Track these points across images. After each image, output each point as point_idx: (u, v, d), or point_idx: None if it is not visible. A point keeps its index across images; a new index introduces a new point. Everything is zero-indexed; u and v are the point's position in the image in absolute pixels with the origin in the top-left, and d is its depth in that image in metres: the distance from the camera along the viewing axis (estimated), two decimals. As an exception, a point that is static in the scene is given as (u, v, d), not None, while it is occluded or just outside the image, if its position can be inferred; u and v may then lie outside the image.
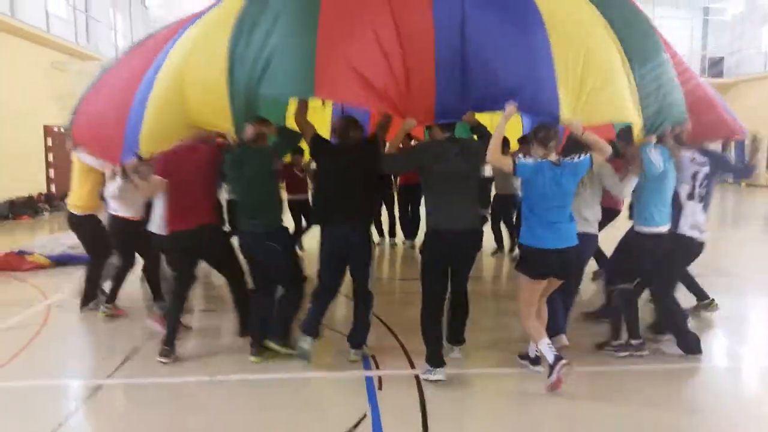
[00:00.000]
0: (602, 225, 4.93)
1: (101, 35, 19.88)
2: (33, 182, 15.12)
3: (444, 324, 4.40)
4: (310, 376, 4.31)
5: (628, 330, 4.63)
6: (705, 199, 4.79)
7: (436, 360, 4.19)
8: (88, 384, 4.19)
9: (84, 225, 5.74)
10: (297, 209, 8.21)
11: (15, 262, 7.74)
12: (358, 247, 4.41)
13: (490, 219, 8.21)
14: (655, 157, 4.33)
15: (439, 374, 4.15)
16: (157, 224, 4.91)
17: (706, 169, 4.73)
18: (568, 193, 3.99)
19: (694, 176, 4.67)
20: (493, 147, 3.98)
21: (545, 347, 3.97)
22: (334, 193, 4.40)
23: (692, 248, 4.76)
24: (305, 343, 4.42)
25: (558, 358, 3.90)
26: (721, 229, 13.06)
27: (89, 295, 5.86)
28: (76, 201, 5.73)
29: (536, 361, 4.33)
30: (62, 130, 5.39)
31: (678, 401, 3.96)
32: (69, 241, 8.30)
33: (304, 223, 8.33)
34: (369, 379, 4.19)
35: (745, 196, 20.15)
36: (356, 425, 3.51)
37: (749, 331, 5.67)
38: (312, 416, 3.73)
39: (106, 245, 5.75)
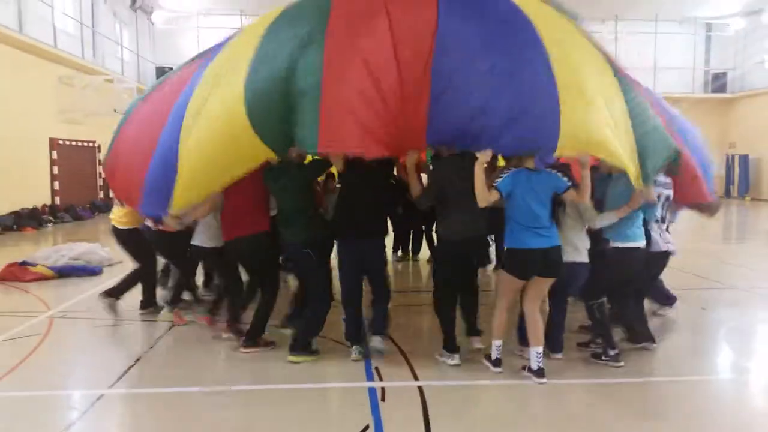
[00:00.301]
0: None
1: (107, 50, 20.06)
2: (37, 194, 15.20)
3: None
4: (313, 387, 4.28)
5: (606, 340, 4.68)
6: (667, 218, 5.06)
7: (452, 346, 4.61)
8: (90, 394, 4.17)
9: (125, 238, 5.97)
10: None
11: (19, 273, 7.76)
12: (376, 254, 4.77)
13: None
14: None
15: (455, 359, 4.57)
16: (200, 238, 5.18)
17: (668, 192, 4.94)
18: (543, 200, 4.18)
19: (657, 198, 4.82)
20: (480, 194, 4.17)
21: (495, 347, 4.43)
22: (357, 205, 4.68)
23: (664, 261, 5.13)
24: (356, 352, 4.68)
25: (497, 363, 4.41)
26: (726, 242, 13.03)
27: (148, 300, 6.08)
28: (119, 216, 5.93)
29: (540, 373, 4.30)
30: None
31: (681, 413, 3.92)
32: (72, 253, 8.34)
33: None
34: (372, 390, 4.16)
35: (749, 209, 20.12)
36: (359, 436, 3.49)
37: (754, 343, 5.62)
38: (314, 427, 3.70)
39: (147, 256, 5.95)
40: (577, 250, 4.54)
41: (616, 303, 4.91)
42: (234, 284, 5.37)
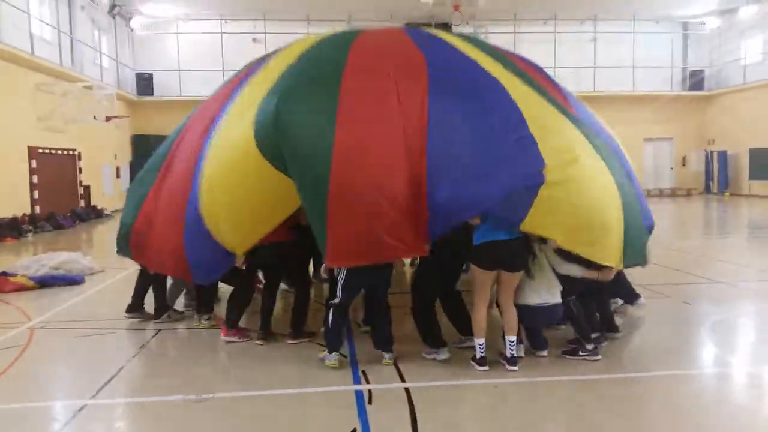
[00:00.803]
0: None
1: (86, 57, 19.85)
2: (17, 203, 14.98)
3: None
4: (299, 391, 4.25)
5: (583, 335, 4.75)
6: None
7: (438, 341, 4.72)
8: (72, 404, 4.10)
9: None
10: None
11: (-2, 284, 7.62)
12: (386, 275, 4.79)
13: None
14: None
15: (444, 353, 4.67)
16: None
17: None
18: None
19: None
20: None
21: (478, 345, 4.49)
22: None
23: None
24: (334, 358, 4.62)
25: (482, 362, 4.45)
26: (707, 237, 13.19)
27: (161, 308, 6.03)
28: None
29: (512, 361, 4.47)
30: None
31: (663, 407, 3.94)
32: (52, 262, 8.22)
33: None
34: (359, 393, 4.14)
35: (729, 205, 20.39)
36: (346, 440, 3.47)
37: (737, 337, 5.68)
38: (303, 430, 3.67)
39: None
40: (550, 292, 4.67)
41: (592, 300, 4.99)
42: (243, 289, 5.40)
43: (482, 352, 4.48)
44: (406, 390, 4.16)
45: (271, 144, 4.49)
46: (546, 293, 4.65)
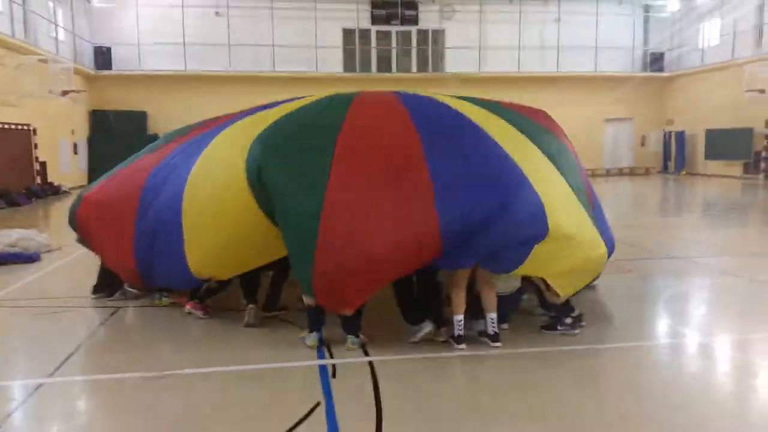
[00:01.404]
0: None
1: (40, 29, 19.09)
2: (-31, 181, 14.45)
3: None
4: (264, 366, 4.24)
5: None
6: None
7: (417, 318, 4.61)
8: (28, 383, 4.01)
9: None
10: None
11: (-50, 263, 7.37)
12: None
13: None
14: None
15: (427, 326, 4.56)
16: None
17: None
18: None
19: None
20: None
21: (456, 322, 4.47)
22: None
23: None
24: (314, 338, 4.53)
25: (460, 339, 4.44)
26: (664, 215, 13.54)
27: (113, 287, 5.96)
28: None
29: (495, 338, 4.51)
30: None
31: (621, 377, 4.07)
32: (7, 240, 7.99)
33: None
34: (323, 368, 4.16)
35: (685, 184, 20.94)
36: (309, 413, 3.47)
37: (691, 309, 5.86)
38: (265, 406, 3.67)
39: None
40: (515, 278, 4.80)
41: None
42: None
43: (460, 330, 4.47)
44: (370, 363, 4.20)
45: (259, 188, 4.55)
46: (513, 279, 4.76)
